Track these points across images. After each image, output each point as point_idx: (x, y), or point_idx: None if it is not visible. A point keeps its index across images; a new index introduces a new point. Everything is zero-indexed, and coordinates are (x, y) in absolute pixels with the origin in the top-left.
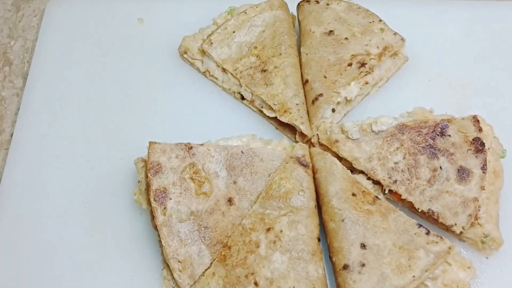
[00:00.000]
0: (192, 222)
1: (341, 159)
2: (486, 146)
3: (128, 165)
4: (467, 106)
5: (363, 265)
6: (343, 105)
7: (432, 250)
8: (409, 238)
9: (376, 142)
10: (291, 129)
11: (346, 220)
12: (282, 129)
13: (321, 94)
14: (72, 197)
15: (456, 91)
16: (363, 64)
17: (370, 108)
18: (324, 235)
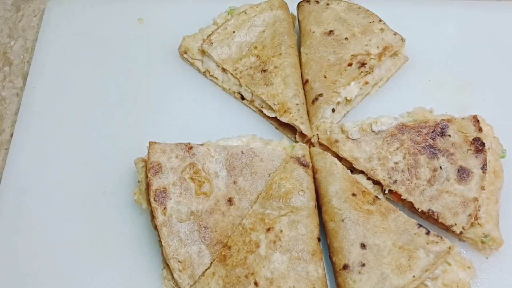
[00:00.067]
0: (192, 222)
1: (341, 159)
2: (486, 146)
3: (128, 165)
4: (467, 106)
5: (363, 265)
6: (343, 105)
7: (432, 250)
8: (409, 238)
9: (376, 142)
10: (291, 129)
11: (346, 220)
12: (282, 129)
13: (321, 94)
14: (72, 197)
15: (456, 91)
16: (363, 64)
17: (370, 108)
18: (324, 235)
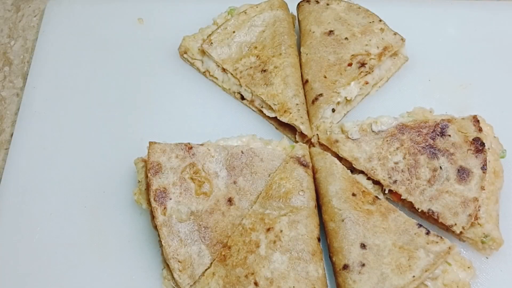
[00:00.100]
0: (192, 222)
1: (341, 159)
2: (486, 146)
3: (128, 165)
4: (467, 106)
5: (363, 265)
6: (343, 105)
7: (432, 250)
8: (409, 238)
9: (376, 142)
10: (291, 129)
11: (346, 220)
12: (282, 129)
13: (321, 94)
14: (72, 197)
15: (456, 91)
16: (363, 64)
17: (370, 108)
18: (324, 235)
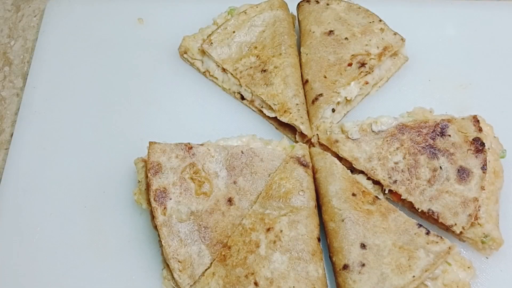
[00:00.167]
0: (192, 222)
1: (341, 159)
2: (486, 146)
3: (128, 165)
4: (467, 106)
5: (363, 265)
6: (343, 105)
7: (432, 250)
8: (409, 238)
9: (376, 142)
10: (291, 129)
11: (346, 220)
12: (282, 129)
13: (321, 94)
14: (72, 197)
15: (456, 91)
16: (363, 64)
17: (370, 108)
18: (324, 235)
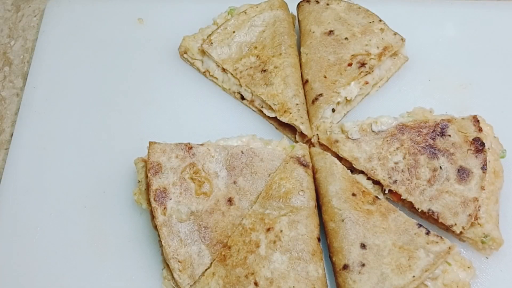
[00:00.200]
0: (192, 222)
1: (341, 159)
2: (486, 146)
3: (128, 165)
4: (467, 106)
5: (363, 265)
6: (343, 105)
7: (432, 250)
8: (409, 238)
9: (376, 142)
10: (291, 129)
11: (346, 220)
12: (282, 129)
13: (321, 94)
14: (72, 197)
15: (456, 91)
16: (363, 64)
17: (370, 108)
18: (324, 235)
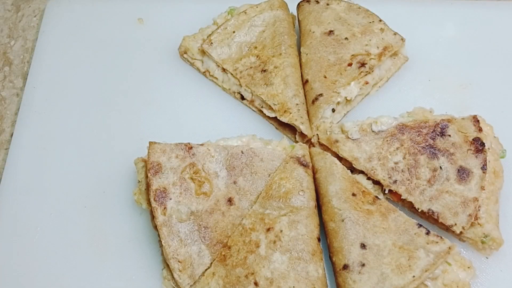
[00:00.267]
0: (192, 222)
1: (341, 159)
2: (486, 146)
3: (128, 165)
4: (467, 106)
5: (363, 265)
6: (343, 105)
7: (432, 250)
8: (409, 238)
9: (376, 142)
10: (291, 129)
11: (346, 220)
12: (282, 129)
13: (321, 94)
14: (72, 197)
15: (456, 91)
16: (363, 64)
17: (370, 108)
18: (324, 235)
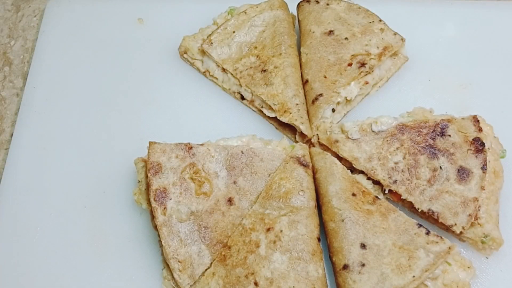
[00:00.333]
0: (192, 222)
1: (341, 159)
2: (486, 146)
3: (128, 165)
4: (467, 106)
5: (363, 265)
6: (343, 105)
7: (432, 250)
8: (409, 238)
9: (376, 142)
10: (291, 129)
11: (346, 220)
12: (282, 129)
13: (321, 94)
14: (72, 197)
15: (456, 91)
16: (363, 64)
17: (370, 108)
18: (324, 235)
